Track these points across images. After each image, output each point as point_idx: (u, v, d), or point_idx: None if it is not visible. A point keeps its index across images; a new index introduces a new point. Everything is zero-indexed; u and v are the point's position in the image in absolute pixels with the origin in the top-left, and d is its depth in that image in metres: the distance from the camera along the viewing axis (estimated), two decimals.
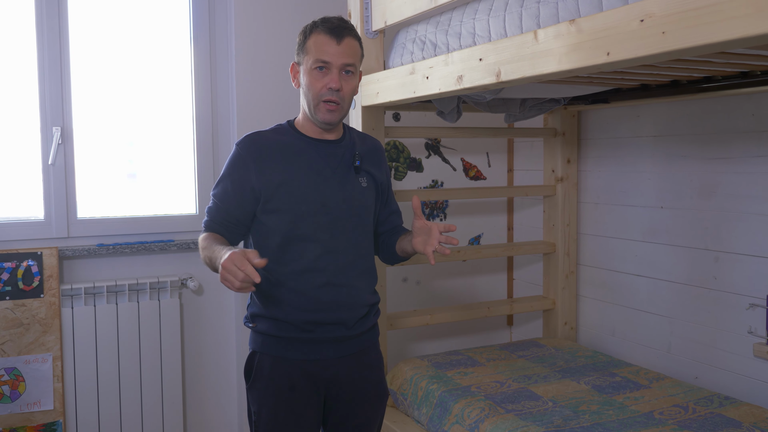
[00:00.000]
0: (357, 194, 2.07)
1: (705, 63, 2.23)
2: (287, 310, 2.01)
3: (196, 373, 3.42)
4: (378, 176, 2.16)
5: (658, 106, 3.10)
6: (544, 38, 1.80)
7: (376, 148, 2.21)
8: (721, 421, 2.41)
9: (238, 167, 2.02)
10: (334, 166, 2.05)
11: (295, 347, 2.02)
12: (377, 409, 2.18)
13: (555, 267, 3.57)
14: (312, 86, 1.98)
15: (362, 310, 2.09)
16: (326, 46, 1.96)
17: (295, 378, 2.02)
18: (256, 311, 2.07)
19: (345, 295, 2.04)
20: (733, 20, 1.28)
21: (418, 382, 2.91)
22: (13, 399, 2.95)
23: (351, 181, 2.06)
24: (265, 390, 2.04)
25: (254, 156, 2.01)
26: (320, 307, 2.01)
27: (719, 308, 2.85)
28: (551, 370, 2.98)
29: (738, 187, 2.77)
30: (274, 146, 2.04)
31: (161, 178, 3.42)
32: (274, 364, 2.03)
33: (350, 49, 1.98)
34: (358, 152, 2.10)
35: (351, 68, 1.99)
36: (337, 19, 2.03)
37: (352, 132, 2.19)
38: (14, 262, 2.94)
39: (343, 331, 2.04)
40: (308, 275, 2.00)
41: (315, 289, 2.00)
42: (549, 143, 3.58)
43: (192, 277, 3.31)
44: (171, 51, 3.37)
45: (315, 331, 2.02)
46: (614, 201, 3.36)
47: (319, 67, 1.97)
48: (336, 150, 2.08)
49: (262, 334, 2.05)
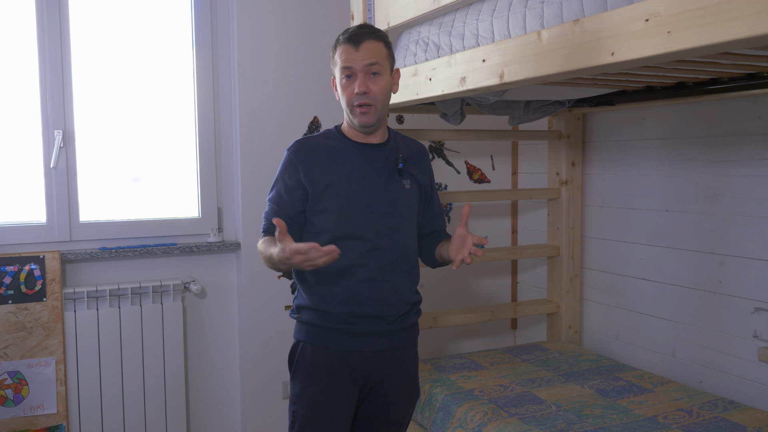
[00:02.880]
0: (401, 195, 2.14)
1: (711, 64, 2.21)
2: (331, 302, 2.09)
3: (199, 376, 3.41)
4: (421, 179, 2.23)
5: (663, 108, 3.08)
6: (547, 39, 1.79)
7: (420, 152, 2.28)
8: (726, 426, 2.39)
9: (289, 171, 2.12)
10: (379, 169, 2.13)
11: (336, 337, 2.09)
12: (408, 406, 2.25)
13: (559, 270, 3.55)
14: (344, 94, 2.09)
15: (404, 308, 2.15)
16: (347, 53, 2.04)
17: (336, 367, 2.09)
18: (302, 303, 2.15)
19: (387, 291, 2.11)
20: (740, 20, 1.27)
21: (421, 385, 2.89)
22: (17, 403, 2.94)
23: (395, 183, 2.14)
24: (305, 378, 2.12)
25: (303, 159, 2.10)
26: (363, 301, 2.08)
27: (724, 312, 2.83)
28: (555, 374, 2.96)
29: (744, 190, 2.75)
30: (322, 150, 2.13)
31: (164, 182, 3.42)
32: (316, 353, 2.11)
33: (370, 50, 2.04)
34: (401, 155, 2.18)
35: (375, 68, 2.04)
36: (357, 26, 2.11)
37: (397, 136, 2.25)
38: (17, 266, 2.94)
39: (383, 325, 2.11)
40: (353, 270, 2.08)
41: (359, 283, 2.08)
42: (553, 146, 3.57)
43: (195, 281, 3.30)
44: (173, 54, 3.37)
45: (356, 323, 2.09)
46: (619, 204, 3.34)
47: (347, 76, 2.06)
48: (380, 153, 2.16)
49: (307, 324, 2.13)
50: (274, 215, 2.09)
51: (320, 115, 3.49)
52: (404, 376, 2.20)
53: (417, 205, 2.23)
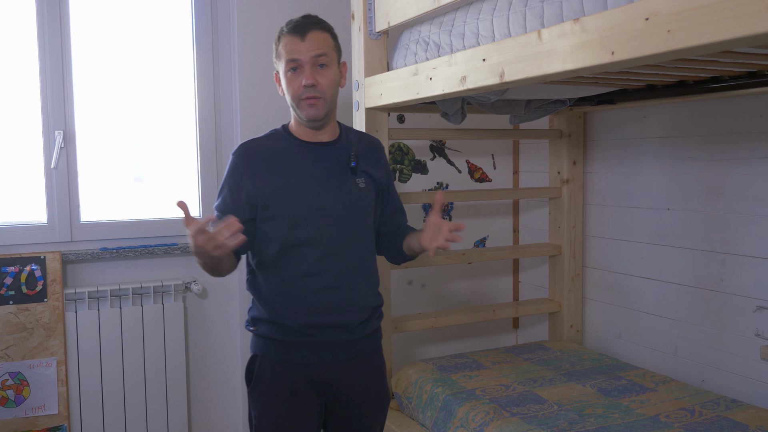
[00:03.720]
0: (355, 196, 2.05)
1: (712, 63, 2.20)
2: (287, 314, 2.00)
3: (201, 376, 3.41)
4: (377, 176, 2.14)
5: (664, 107, 3.07)
6: (548, 38, 1.78)
7: (374, 147, 2.19)
8: (728, 425, 2.39)
9: (235, 177, 2.02)
10: (330, 168, 2.04)
11: (295, 351, 2.01)
12: (379, 414, 2.16)
13: (561, 269, 3.55)
14: (289, 88, 2.00)
15: (364, 314, 2.07)
16: (292, 45, 1.96)
17: (297, 382, 2.01)
18: (257, 315, 2.06)
19: (346, 299, 2.02)
20: (740, 18, 1.26)
21: (422, 385, 2.89)
22: (18, 403, 2.94)
23: (348, 183, 2.05)
24: (266, 394, 2.03)
25: (249, 164, 2.01)
26: (321, 311, 1.99)
27: (726, 311, 2.82)
28: (557, 373, 2.96)
29: (745, 188, 2.74)
30: (269, 153, 2.03)
31: (164, 182, 3.42)
32: (275, 368, 2.02)
33: (317, 41, 1.96)
34: (353, 153, 2.08)
35: (323, 59, 1.97)
36: (301, 17, 2.01)
37: (349, 132, 2.16)
38: (17, 267, 2.94)
39: (344, 334, 2.03)
40: (308, 279, 1.99)
41: (315, 293, 1.99)
42: (555, 145, 3.56)
43: (196, 281, 3.30)
44: (173, 53, 3.36)
45: (316, 335, 2.00)
46: (620, 203, 3.33)
47: (293, 69, 1.97)
48: (331, 152, 2.07)
49: (263, 338, 2.04)
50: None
51: None
52: (371, 385, 2.12)
53: (373, 204, 2.13)
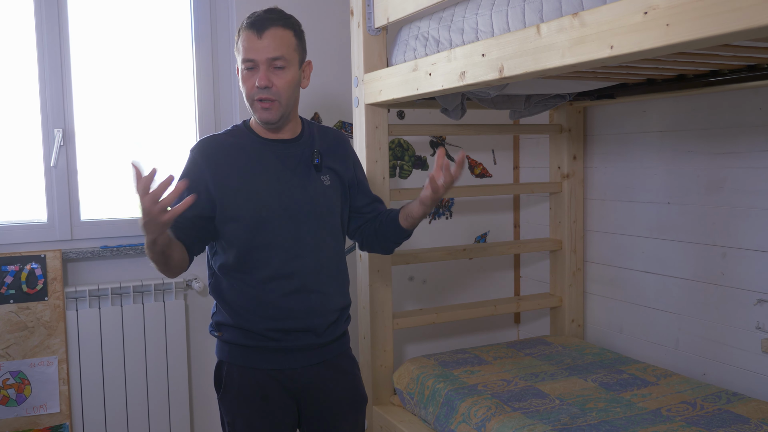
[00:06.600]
0: (320, 194, 1.98)
1: (711, 56, 2.20)
2: (254, 318, 1.93)
3: (203, 374, 3.41)
4: (342, 171, 2.07)
5: (664, 101, 3.07)
6: (546, 32, 1.78)
7: (338, 142, 2.12)
8: (729, 418, 2.39)
9: (194, 172, 1.93)
10: (293, 166, 1.97)
11: (263, 356, 1.95)
12: (355, 416, 2.11)
13: (562, 264, 3.55)
14: (244, 86, 1.91)
15: (332, 316, 2.01)
16: (249, 42, 1.86)
17: (267, 387, 1.95)
18: (222, 320, 1.99)
19: (315, 301, 1.96)
20: (739, 11, 1.26)
21: (424, 381, 2.89)
22: (19, 402, 2.95)
23: (312, 181, 1.98)
24: (236, 400, 1.97)
25: (209, 161, 1.93)
26: (288, 315, 1.93)
27: (727, 304, 2.82)
28: (558, 368, 2.96)
29: (745, 182, 2.74)
30: (230, 150, 1.95)
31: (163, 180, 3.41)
32: (244, 374, 1.96)
33: (275, 40, 1.86)
34: (317, 149, 2.01)
35: (279, 62, 1.87)
36: (264, 11, 1.90)
37: (312, 127, 2.08)
38: (18, 265, 2.94)
39: (312, 338, 1.97)
40: (275, 283, 1.93)
41: (283, 296, 1.93)
42: (555, 140, 3.56)
43: (197, 278, 3.30)
44: (173, 51, 3.36)
45: (283, 339, 1.94)
46: (621, 197, 3.33)
47: (248, 68, 1.88)
48: (293, 149, 2.00)
49: (229, 344, 1.98)
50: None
51: (321, 112, 3.48)
52: (343, 387, 2.06)
53: (339, 201, 2.05)
